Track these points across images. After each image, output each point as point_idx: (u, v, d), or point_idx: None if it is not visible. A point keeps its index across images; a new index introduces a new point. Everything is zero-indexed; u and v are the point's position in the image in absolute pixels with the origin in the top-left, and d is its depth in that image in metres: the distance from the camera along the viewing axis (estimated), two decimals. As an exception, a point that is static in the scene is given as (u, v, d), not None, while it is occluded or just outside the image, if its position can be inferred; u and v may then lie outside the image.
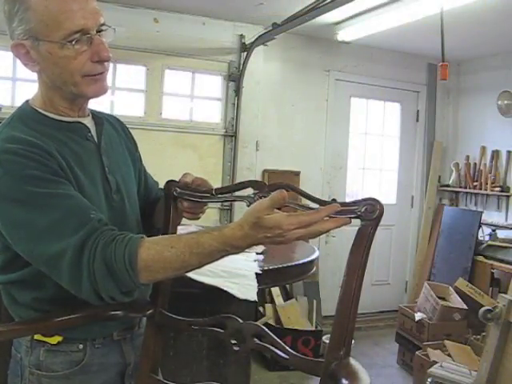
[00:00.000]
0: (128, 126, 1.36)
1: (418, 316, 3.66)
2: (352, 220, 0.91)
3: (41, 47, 1.03)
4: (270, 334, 1.04)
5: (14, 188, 0.96)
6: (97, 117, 1.20)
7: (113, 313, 1.14)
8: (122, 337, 1.19)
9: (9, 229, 0.98)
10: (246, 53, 4.04)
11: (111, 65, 1.13)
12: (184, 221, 1.26)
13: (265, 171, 4.30)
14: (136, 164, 1.32)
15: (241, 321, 1.08)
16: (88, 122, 1.17)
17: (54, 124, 1.10)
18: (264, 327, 1.06)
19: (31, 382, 1.09)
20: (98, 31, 1.05)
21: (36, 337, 1.09)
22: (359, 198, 0.92)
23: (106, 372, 1.16)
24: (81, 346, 1.12)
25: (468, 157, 4.77)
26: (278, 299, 3.80)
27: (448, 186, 4.88)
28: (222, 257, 0.95)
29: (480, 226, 4.26)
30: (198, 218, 1.24)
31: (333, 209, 0.89)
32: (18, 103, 1.15)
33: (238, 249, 0.92)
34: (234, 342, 1.07)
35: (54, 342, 1.10)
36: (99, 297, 0.95)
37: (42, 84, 1.10)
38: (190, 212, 1.20)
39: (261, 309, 3.76)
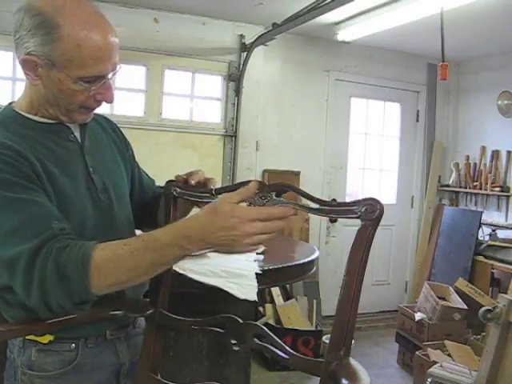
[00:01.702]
0: (128, 126, 1.37)
1: (418, 316, 3.66)
2: (353, 220, 0.91)
3: (53, 72, 1.02)
4: (270, 334, 1.04)
5: None
6: None
7: (112, 313, 1.14)
8: (115, 336, 1.18)
9: None
10: (246, 53, 4.04)
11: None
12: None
13: (265, 171, 4.30)
14: (127, 163, 1.31)
15: (241, 321, 1.08)
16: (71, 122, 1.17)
17: (35, 126, 1.10)
18: (264, 327, 1.06)
19: (23, 383, 1.09)
20: (113, 72, 1.07)
21: (28, 336, 1.09)
22: (359, 198, 0.92)
23: (99, 372, 1.15)
24: (73, 346, 1.12)
25: (468, 157, 4.77)
26: (278, 299, 3.80)
27: (448, 186, 4.88)
28: (177, 257, 0.91)
29: (480, 226, 4.26)
30: None
31: (288, 212, 0.88)
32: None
33: (190, 242, 0.87)
34: (234, 341, 1.07)
35: (46, 341, 1.09)
36: (48, 306, 0.94)
37: (35, 93, 1.09)
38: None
39: (261, 309, 3.76)
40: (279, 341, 1.02)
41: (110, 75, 1.06)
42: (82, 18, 1.00)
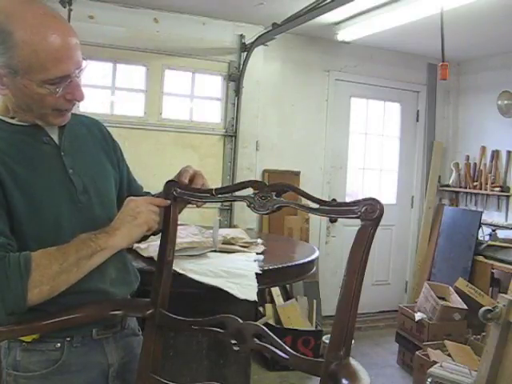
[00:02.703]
0: (128, 126, 1.36)
1: (418, 316, 3.66)
2: (353, 220, 0.91)
3: (17, 80, 1.02)
4: (270, 334, 1.04)
5: None
6: None
7: (112, 313, 1.14)
8: (102, 336, 1.17)
9: None
10: (246, 53, 4.04)
11: (111, 65, 1.14)
12: (184, 220, 1.27)
13: (265, 171, 4.30)
14: (115, 165, 1.30)
15: (241, 321, 1.08)
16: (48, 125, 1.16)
17: (9, 127, 1.10)
18: (264, 327, 1.06)
19: None
20: (78, 70, 1.06)
21: None
22: (359, 198, 0.92)
23: (86, 372, 1.14)
24: (58, 345, 1.11)
25: (468, 157, 4.77)
26: (278, 299, 3.80)
27: (448, 186, 4.88)
28: (99, 250, 1.05)
29: (480, 226, 4.26)
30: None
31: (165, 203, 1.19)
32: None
33: (107, 233, 1.08)
34: (234, 342, 1.07)
35: (29, 340, 1.09)
36: None
37: (8, 100, 1.09)
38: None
39: (261, 309, 3.76)
40: (279, 341, 1.03)
41: (75, 73, 1.05)
42: (33, 21, 0.99)
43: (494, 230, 4.30)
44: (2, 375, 1.10)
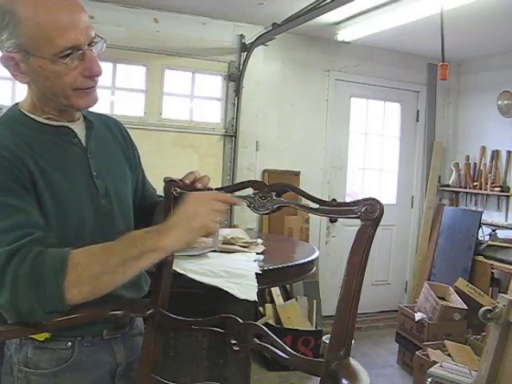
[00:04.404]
0: (128, 126, 1.35)
1: (418, 316, 3.66)
2: (353, 220, 0.91)
3: (31, 61, 1.01)
4: (270, 334, 1.04)
5: None
6: (88, 120, 1.19)
7: (112, 313, 1.14)
8: (112, 336, 1.18)
9: None
10: (246, 53, 4.04)
11: (111, 65, 1.13)
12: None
13: (265, 171, 4.30)
14: (133, 167, 1.30)
15: (241, 321, 1.08)
16: (76, 126, 1.16)
17: (40, 128, 1.09)
18: (264, 327, 1.06)
19: (19, 380, 1.09)
20: (89, 44, 1.04)
21: None
22: (359, 198, 0.92)
23: (95, 371, 1.15)
24: (69, 344, 1.12)
25: (468, 157, 4.77)
26: (278, 299, 3.80)
27: (448, 185, 4.88)
28: (147, 252, 0.96)
29: (480, 226, 4.26)
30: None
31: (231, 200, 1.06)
32: (18, 103, 1.15)
33: (159, 233, 0.97)
34: (234, 341, 1.07)
35: (42, 339, 1.09)
36: (17, 309, 0.93)
37: (32, 93, 1.09)
38: None
39: (261, 309, 3.76)
40: (279, 341, 1.03)
41: (86, 46, 1.03)
42: None
43: (494, 230, 4.30)
44: (12, 370, 1.11)
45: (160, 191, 1.22)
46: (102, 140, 1.21)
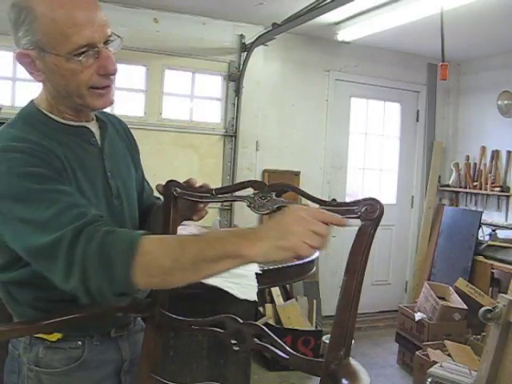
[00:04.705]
0: (128, 126, 1.35)
1: (418, 316, 3.66)
2: (352, 220, 0.91)
3: (47, 59, 1.01)
4: (270, 334, 1.04)
5: (14, 185, 0.95)
6: (101, 120, 1.19)
7: (112, 313, 1.14)
8: (118, 334, 1.19)
9: (8, 226, 0.96)
10: (246, 53, 4.04)
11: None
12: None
13: (265, 171, 4.30)
14: (137, 167, 1.31)
15: (241, 321, 1.08)
16: (92, 125, 1.16)
17: (60, 127, 1.09)
18: (264, 327, 1.06)
19: (30, 379, 1.10)
20: (105, 42, 1.03)
21: (35, 334, 1.10)
22: (359, 198, 0.92)
23: (103, 368, 1.16)
24: (79, 343, 1.13)
25: (468, 157, 4.77)
26: (278, 299, 3.79)
27: (448, 185, 4.88)
28: (226, 256, 0.87)
29: (480, 226, 4.26)
30: (202, 217, 1.24)
31: (340, 221, 0.88)
32: (18, 103, 1.15)
33: (245, 237, 0.86)
34: (234, 341, 1.07)
35: (54, 339, 1.10)
36: (87, 290, 0.90)
37: (47, 92, 1.09)
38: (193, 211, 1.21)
39: (261, 309, 3.76)
40: (279, 341, 1.03)
41: (102, 44, 1.02)
42: None
43: (494, 230, 4.30)
44: (21, 370, 1.11)
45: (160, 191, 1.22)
46: (112, 140, 1.21)
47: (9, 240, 0.98)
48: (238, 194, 1.13)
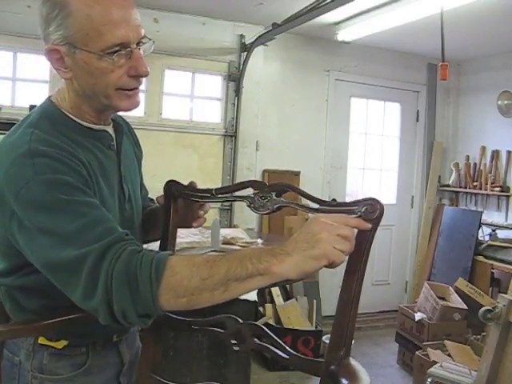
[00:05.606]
0: (129, 126, 1.34)
1: (418, 316, 3.66)
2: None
3: (77, 55, 0.98)
4: (270, 334, 1.04)
5: (43, 192, 0.91)
6: (116, 122, 1.17)
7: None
8: (119, 338, 1.19)
9: (26, 233, 0.92)
10: (246, 53, 4.04)
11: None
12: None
13: (265, 171, 4.30)
14: (140, 170, 1.30)
15: (241, 321, 1.08)
16: (110, 129, 1.14)
17: (82, 131, 1.06)
18: (264, 327, 1.06)
19: None
20: (138, 43, 1.02)
21: (40, 341, 1.08)
22: (359, 198, 0.92)
23: (105, 372, 1.16)
24: (83, 350, 1.12)
25: (468, 157, 4.77)
26: (278, 299, 3.79)
27: (448, 185, 4.89)
28: (256, 275, 0.84)
29: (480, 226, 4.26)
30: (201, 225, 1.23)
31: (364, 225, 0.89)
32: (18, 103, 1.14)
33: (273, 254, 0.84)
34: (234, 341, 1.07)
35: (60, 347, 1.09)
36: (110, 310, 0.87)
37: (71, 90, 1.05)
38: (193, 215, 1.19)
39: (261, 309, 3.75)
40: (279, 341, 1.03)
41: (135, 44, 1.00)
42: None
43: (494, 230, 4.30)
44: (21, 376, 1.10)
45: (160, 191, 1.22)
46: (125, 143, 1.20)
47: (24, 247, 0.94)
48: (238, 193, 1.13)
